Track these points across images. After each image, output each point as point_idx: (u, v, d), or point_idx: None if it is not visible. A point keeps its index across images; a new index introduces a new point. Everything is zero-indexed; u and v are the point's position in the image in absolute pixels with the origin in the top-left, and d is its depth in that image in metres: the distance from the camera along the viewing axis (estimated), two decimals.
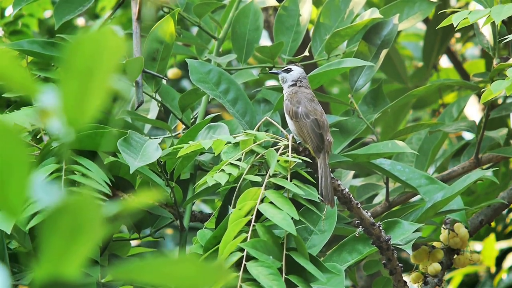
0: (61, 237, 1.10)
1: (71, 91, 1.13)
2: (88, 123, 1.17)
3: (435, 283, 2.88)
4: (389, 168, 2.86)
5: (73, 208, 1.09)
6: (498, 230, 4.23)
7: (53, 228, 1.10)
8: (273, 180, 2.29)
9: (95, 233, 1.10)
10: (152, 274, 1.11)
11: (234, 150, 2.37)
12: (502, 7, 2.65)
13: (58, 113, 1.14)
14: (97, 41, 1.12)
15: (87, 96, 1.14)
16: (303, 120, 2.45)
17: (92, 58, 1.12)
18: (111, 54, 1.12)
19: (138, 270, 1.11)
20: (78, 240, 1.10)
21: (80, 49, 1.12)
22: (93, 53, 1.12)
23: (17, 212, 1.14)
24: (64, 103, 1.14)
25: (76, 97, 1.13)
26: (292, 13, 3.11)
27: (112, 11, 3.21)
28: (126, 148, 2.46)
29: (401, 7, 3.09)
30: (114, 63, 1.13)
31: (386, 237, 2.45)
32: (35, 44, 2.71)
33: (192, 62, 2.83)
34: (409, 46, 4.80)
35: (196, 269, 1.12)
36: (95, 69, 1.12)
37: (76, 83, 1.13)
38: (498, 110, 3.20)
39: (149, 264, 1.11)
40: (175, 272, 1.12)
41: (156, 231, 2.86)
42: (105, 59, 1.12)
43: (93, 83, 1.13)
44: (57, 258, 1.11)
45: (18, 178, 1.12)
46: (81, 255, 1.11)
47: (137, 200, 1.19)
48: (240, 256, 2.21)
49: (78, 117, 1.14)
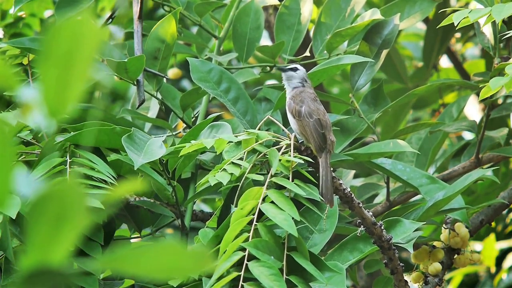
0: (46, 224, 1.10)
1: (50, 80, 1.12)
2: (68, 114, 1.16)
3: (435, 282, 2.88)
4: (390, 167, 2.86)
5: (58, 195, 1.09)
6: (498, 230, 4.23)
7: (39, 215, 1.10)
8: (275, 179, 2.29)
9: (81, 220, 1.10)
10: (135, 262, 1.11)
11: (236, 149, 2.37)
12: (503, 6, 2.65)
13: (39, 105, 1.13)
14: (75, 27, 1.10)
15: (67, 84, 1.12)
16: (306, 119, 2.45)
17: (70, 45, 1.11)
18: (90, 40, 1.11)
19: (122, 258, 1.11)
20: (63, 227, 1.10)
21: (58, 36, 1.11)
22: (71, 39, 1.10)
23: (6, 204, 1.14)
24: (45, 93, 1.13)
25: (56, 86, 1.12)
26: (293, 12, 3.11)
27: (112, 11, 3.21)
28: (130, 145, 2.47)
29: (402, 6, 3.09)
30: (93, 50, 1.11)
31: (387, 237, 2.45)
32: (36, 42, 2.71)
33: (193, 61, 2.83)
34: (409, 46, 4.80)
35: (179, 254, 1.11)
36: (74, 56, 1.11)
37: (55, 71, 1.11)
38: (499, 110, 3.20)
39: (132, 252, 1.10)
40: (158, 258, 1.11)
41: (157, 230, 2.86)
42: (83, 45, 1.11)
43: (72, 70, 1.12)
44: (43, 245, 1.11)
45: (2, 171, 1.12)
46: (68, 243, 1.11)
47: (123, 189, 1.18)
48: (241, 255, 2.21)
49: (59, 107, 1.13)
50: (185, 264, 1.13)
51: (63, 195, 1.09)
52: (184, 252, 1.11)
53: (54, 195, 1.09)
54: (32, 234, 1.10)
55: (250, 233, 2.24)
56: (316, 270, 2.23)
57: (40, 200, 1.09)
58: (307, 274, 2.24)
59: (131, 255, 1.10)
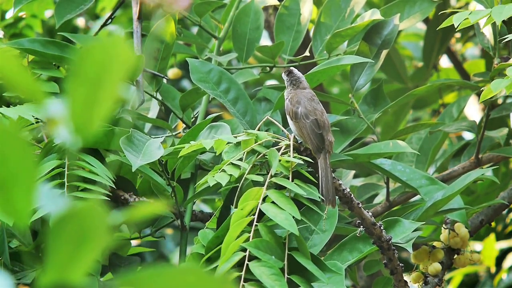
0: (67, 244, 1.10)
1: (79, 99, 1.13)
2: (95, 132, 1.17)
3: (435, 283, 2.88)
4: (389, 168, 2.86)
5: (79, 215, 1.09)
6: (498, 230, 4.23)
7: (59, 235, 1.10)
8: (275, 180, 2.29)
9: (101, 240, 1.10)
10: (153, 284, 1.11)
11: (236, 150, 2.37)
12: (503, 7, 2.65)
13: (66, 121, 1.14)
14: (107, 49, 1.11)
15: (95, 104, 1.13)
16: (303, 121, 2.45)
17: (102, 67, 1.12)
18: (121, 63, 1.12)
19: (139, 280, 1.11)
20: (83, 247, 1.10)
21: (90, 57, 1.12)
22: (103, 61, 1.12)
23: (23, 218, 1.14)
24: (72, 111, 1.14)
25: (83, 105, 1.13)
26: (292, 12, 3.11)
27: (112, 12, 3.21)
28: (129, 147, 2.47)
29: (402, 7, 3.09)
30: (123, 72, 1.13)
31: (387, 237, 2.45)
32: (36, 43, 2.71)
33: (193, 62, 2.83)
34: (409, 46, 4.80)
35: (199, 280, 1.12)
36: (104, 77, 1.12)
37: (84, 91, 1.13)
38: (499, 110, 3.20)
39: (151, 274, 1.11)
40: (177, 282, 1.11)
41: (156, 230, 2.86)
42: (114, 67, 1.12)
43: (101, 91, 1.13)
44: (63, 265, 1.11)
45: (23, 183, 1.12)
46: (87, 262, 1.11)
47: (144, 209, 1.19)
48: (242, 256, 2.21)
49: (85, 125, 1.14)
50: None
51: (85, 214, 1.09)
52: (206, 278, 1.11)
53: (76, 215, 1.09)
54: (52, 252, 1.10)
55: (251, 233, 2.24)
56: (317, 269, 2.23)
57: (62, 219, 1.09)
58: (308, 274, 2.24)
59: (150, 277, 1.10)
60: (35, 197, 1.13)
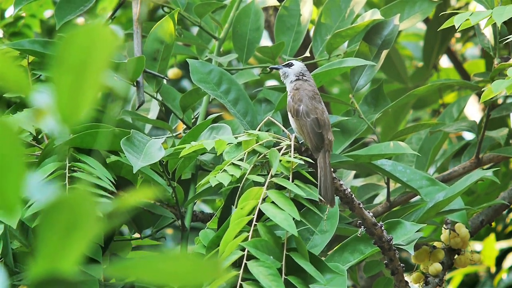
0: (56, 233, 1.09)
1: (64, 87, 1.12)
2: (82, 120, 1.16)
3: (436, 283, 2.88)
4: (390, 169, 2.86)
5: (68, 204, 1.09)
6: (498, 230, 4.23)
7: (49, 224, 1.10)
8: (275, 180, 2.29)
9: (91, 229, 1.10)
10: (151, 271, 1.10)
11: (236, 150, 2.37)
12: (504, 8, 2.65)
13: (52, 111, 1.13)
14: (90, 35, 1.10)
15: (80, 91, 1.12)
16: (304, 119, 2.44)
17: (85, 53, 1.10)
18: (104, 48, 1.11)
19: (137, 268, 1.11)
20: (73, 236, 1.10)
21: (73, 43, 1.10)
22: (86, 47, 1.10)
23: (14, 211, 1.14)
24: (58, 100, 1.12)
25: (69, 93, 1.12)
26: (293, 13, 3.11)
27: (112, 12, 3.21)
28: (129, 148, 2.46)
29: (402, 7, 3.09)
30: (107, 58, 1.11)
31: (388, 237, 2.45)
32: (36, 44, 2.71)
33: (193, 62, 2.83)
34: (409, 46, 4.80)
35: (196, 266, 1.11)
36: (88, 63, 1.11)
37: (69, 78, 1.11)
38: (499, 110, 3.20)
39: (148, 261, 1.10)
40: (174, 269, 1.11)
41: (157, 231, 2.86)
42: (98, 53, 1.11)
43: (86, 78, 1.11)
44: (53, 254, 1.10)
45: (14, 177, 1.12)
46: (77, 251, 1.11)
47: (134, 197, 1.18)
48: (241, 255, 2.21)
49: (72, 114, 1.13)
50: (203, 276, 1.12)
51: (74, 203, 1.09)
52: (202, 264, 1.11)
53: (65, 203, 1.09)
54: (42, 242, 1.10)
55: (250, 233, 2.24)
56: (315, 271, 2.23)
57: (51, 208, 1.09)
58: (306, 274, 2.24)
59: (143, 264, 1.10)
60: (24, 188, 1.12)
